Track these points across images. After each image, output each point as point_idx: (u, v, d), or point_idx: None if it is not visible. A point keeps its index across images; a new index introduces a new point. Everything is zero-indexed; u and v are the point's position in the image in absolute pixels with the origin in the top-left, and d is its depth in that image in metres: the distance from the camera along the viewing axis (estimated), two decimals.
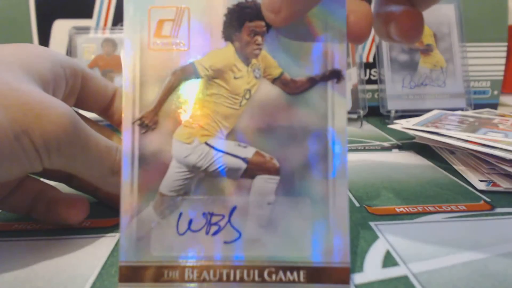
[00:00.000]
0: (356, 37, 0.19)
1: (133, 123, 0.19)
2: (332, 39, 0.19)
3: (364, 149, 0.43)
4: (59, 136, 0.20)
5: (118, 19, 0.56)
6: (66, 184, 0.28)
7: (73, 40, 0.53)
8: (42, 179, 0.26)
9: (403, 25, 0.20)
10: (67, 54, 0.55)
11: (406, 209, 0.27)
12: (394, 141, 0.46)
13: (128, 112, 0.19)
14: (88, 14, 0.56)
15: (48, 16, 0.56)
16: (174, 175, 0.19)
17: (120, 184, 0.19)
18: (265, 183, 0.19)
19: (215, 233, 0.19)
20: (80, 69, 0.26)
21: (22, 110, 0.19)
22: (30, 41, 0.56)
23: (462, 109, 0.55)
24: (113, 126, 0.29)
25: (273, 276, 0.18)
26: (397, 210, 0.27)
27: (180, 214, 0.19)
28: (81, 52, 0.53)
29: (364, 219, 0.26)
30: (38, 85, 0.21)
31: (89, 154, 0.22)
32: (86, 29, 0.54)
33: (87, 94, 0.27)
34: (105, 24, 0.56)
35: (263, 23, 0.19)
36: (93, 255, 0.22)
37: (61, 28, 0.56)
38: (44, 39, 0.56)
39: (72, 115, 0.21)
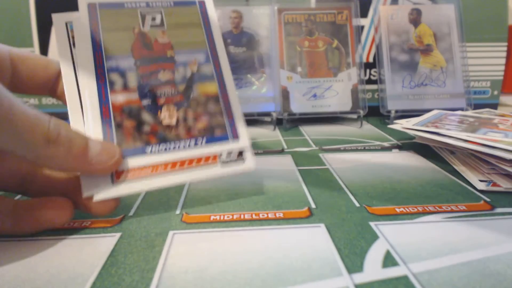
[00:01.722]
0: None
1: None
2: None
3: (364, 149, 0.43)
4: None
5: None
6: (22, 193, 0.26)
7: None
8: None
9: None
10: None
11: (406, 209, 0.27)
12: (394, 141, 0.46)
13: None
14: None
15: (48, 15, 0.56)
16: None
17: (58, 157, 0.20)
18: None
19: None
20: (7, 51, 0.25)
21: None
22: (30, 39, 0.56)
23: (462, 109, 0.55)
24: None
25: None
26: (397, 210, 0.27)
27: None
28: None
29: (364, 219, 0.26)
30: None
31: (15, 119, 0.19)
32: None
33: (22, 75, 0.25)
34: None
35: None
36: (93, 255, 0.22)
37: None
38: (44, 37, 0.56)
39: None
